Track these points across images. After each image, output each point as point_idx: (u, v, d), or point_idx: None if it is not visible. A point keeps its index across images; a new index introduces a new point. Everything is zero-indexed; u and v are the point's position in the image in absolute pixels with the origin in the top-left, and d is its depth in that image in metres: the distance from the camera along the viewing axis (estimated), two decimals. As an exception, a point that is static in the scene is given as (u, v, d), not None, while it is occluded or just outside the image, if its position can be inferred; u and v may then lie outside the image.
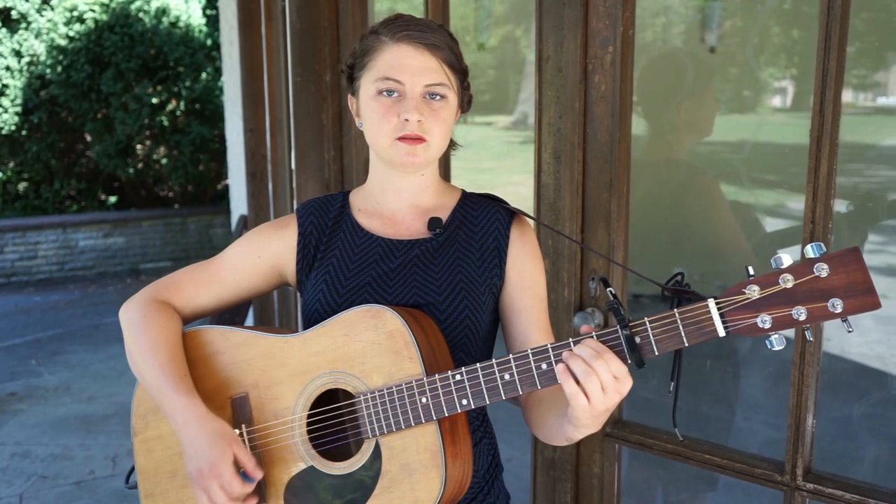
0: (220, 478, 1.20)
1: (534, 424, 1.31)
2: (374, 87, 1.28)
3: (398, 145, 1.27)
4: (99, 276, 8.19)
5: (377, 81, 1.28)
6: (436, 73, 1.27)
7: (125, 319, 1.37)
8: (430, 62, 1.27)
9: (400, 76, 1.26)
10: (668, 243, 2.36)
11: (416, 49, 1.26)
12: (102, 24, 8.27)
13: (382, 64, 1.28)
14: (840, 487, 1.52)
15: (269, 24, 3.71)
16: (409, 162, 1.28)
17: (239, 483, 1.21)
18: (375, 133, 1.30)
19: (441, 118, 1.28)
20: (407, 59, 1.26)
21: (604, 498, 1.92)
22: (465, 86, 1.37)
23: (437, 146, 1.30)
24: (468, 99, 1.39)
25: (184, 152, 8.64)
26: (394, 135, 1.27)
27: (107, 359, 5.58)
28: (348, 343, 1.23)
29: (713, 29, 3.76)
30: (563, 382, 1.06)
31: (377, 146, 1.32)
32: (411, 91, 1.26)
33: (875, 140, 4.40)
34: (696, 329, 1.03)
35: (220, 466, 1.20)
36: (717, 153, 3.40)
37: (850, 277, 0.96)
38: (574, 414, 1.09)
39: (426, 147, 1.28)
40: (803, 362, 1.54)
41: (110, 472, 3.85)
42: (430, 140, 1.28)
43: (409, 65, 1.26)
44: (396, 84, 1.26)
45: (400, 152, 1.28)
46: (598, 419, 1.11)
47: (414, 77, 1.26)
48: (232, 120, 4.39)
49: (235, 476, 1.21)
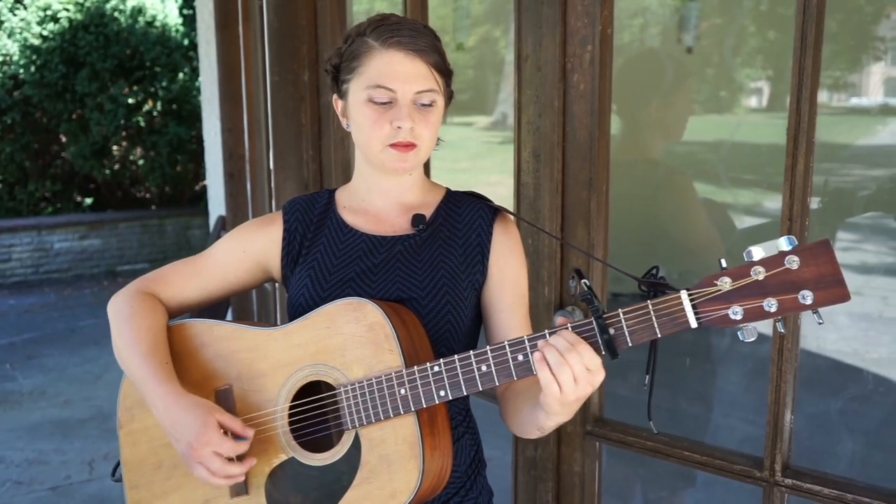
0: (210, 444, 1.22)
1: (508, 417, 1.33)
2: (365, 94, 1.28)
3: (389, 151, 1.29)
4: (75, 279, 8.08)
5: (368, 89, 1.28)
6: (426, 80, 1.28)
7: (112, 311, 1.39)
8: (420, 68, 1.28)
9: (392, 84, 1.27)
10: (646, 242, 2.38)
11: (407, 55, 1.27)
12: (77, 23, 8.17)
13: (373, 71, 1.28)
14: (818, 483, 1.54)
15: (247, 23, 3.68)
16: (400, 168, 1.31)
17: (231, 442, 1.23)
18: (367, 139, 1.31)
19: (431, 123, 1.30)
20: (398, 65, 1.27)
21: (585, 496, 1.92)
22: (450, 87, 1.38)
23: (427, 150, 1.33)
24: (450, 95, 1.41)
25: (161, 153, 8.56)
26: (386, 142, 1.28)
27: (83, 362, 5.51)
28: (330, 336, 1.25)
29: (690, 30, 3.79)
30: (539, 371, 1.08)
31: (368, 151, 1.33)
32: (403, 98, 1.27)
33: (849, 140, 4.46)
34: (669, 320, 1.04)
35: (207, 433, 1.22)
36: (695, 153, 3.43)
37: (821, 270, 0.97)
38: (546, 402, 1.11)
39: (416, 153, 1.30)
40: (781, 359, 1.55)
41: (87, 476, 3.80)
42: (421, 145, 1.30)
43: (400, 72, 1.27)
44: (388, 92, 1.27)
45: (391, 158, 1.29)
46: (568, 408, 1.13)
47: (405, 84, 1.27)
48: (209, 120, 4.36)
49: (225, 437, 1.23)
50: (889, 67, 4.27)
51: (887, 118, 4.49)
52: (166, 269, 1.45)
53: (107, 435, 4.26)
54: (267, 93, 3.10)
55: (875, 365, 3.55)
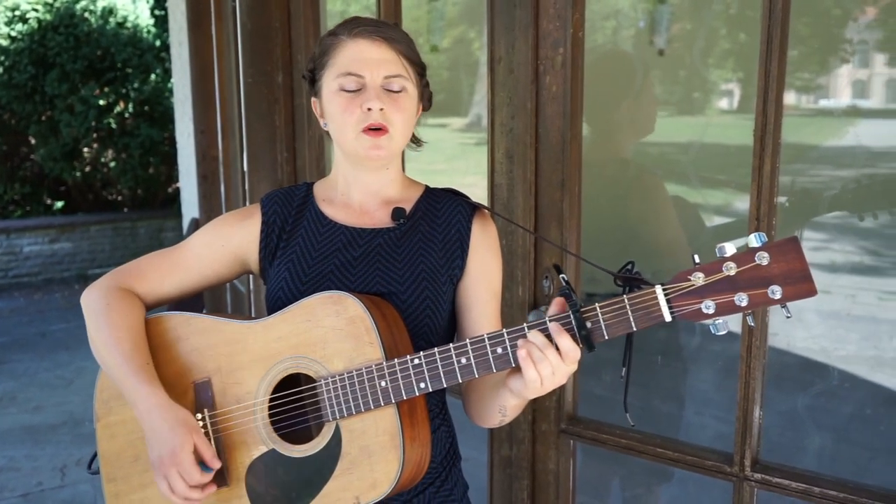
0: (180, 466, 1.24)
1: (471, 406, 1.36)
2: (336, 83, 1.31)
3: (363, 138, 1.30)
4: (45, 283, 7.96)
5: (338, 78, 1.31)
6: (394, 65, 1.30)
7: (87, 305, 1.38)
8: (387, 54, 1.30)
9: (360, 70, 1.29)
10: (618, 242, 2.40)
11: (374, 42, 1.30)
12: (46, 23, 8.05)
13: (342, 60, 1.31)
14: (786, 477, 1.57)
15: (220, 24, 3.67)
16: (375, 155, 1.31)
17: (197, 472, 1.25)
18: (340, 127, 1.32)
19: (402, 108, 1.31)
20: (365, 52, 1.29)
21: (560, 494, 1.94)
22: (424, 82, 1.40)
23: (400, 137, 1.33)
24: (428, 96, 1.43)
25: (133, 155, 8.46)
26: (358, 127, 1.29)
27: (54, 367, 5.43)
28: (310, 329, 1.25)
29: (661, 32, 3.83)
30: (525, 368, 1.12)
31: (342, 141, 1.34)
32: (372, 83, 1.29)
33: (817, 141, 4.54)
34: (645, 314, 1.07)
35: (180, 455, 1.24)
36: (666, 154, 3.47)
37: (789, 265, 1.00)
38: (524, 391, 1.16)
39: (389, 138, 1.30)
40: (750, 356, 1.58)
41: (59, 483, 3.75)
42: (393, 131, 1.30)
43: (367, 58, 1.29)
44: (357, 78, 1.29)
45: (364, 145, 1.30)
46: (540, 392, 1.18)
47: (373, 69, 1.29)
48: (182, 122, 4.33)
49: (194, 465, 1.25)
50: (856, 70, 4.36)
51: (855, 120, 4.58)
52: (142, 262, 1.44)
53: (79, 440, 4.20)
54: (240, 94, 3.09)
55: (843, 362, 3.62)
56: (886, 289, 4.20)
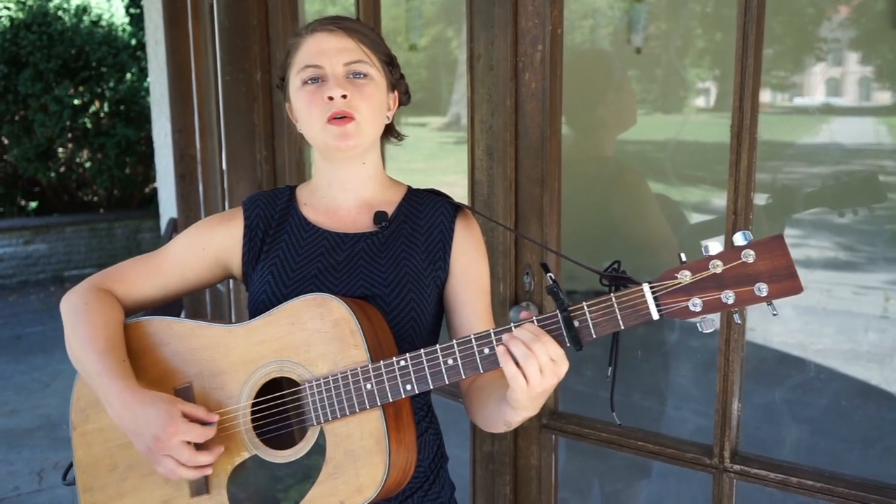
0: (178, 433, 1.20)
1: (474, 412, 1.34)
2: (298, 78, 1.32)
3: (329, 128, 1.29)
4: (20, 285, 7.84)
5: (299, 73, 1.31)
6: (353, 52, 1.30)
7: (65, 308, 1.36)
8: (345, 43, 1.30)
9: (318, 60, 1.29)
10: (600, 239, 2.42)
11: (331, 34, 1.31)
12: (19, 22, 7.93)
13: (301, 55, 1.32)
14: (764, 468, 1.59)
15: (197, 22, 3.64)
16: (343, 144, 1.29)
17: (200, 428, 1.21)
18: (307, 121, 1.32)
19: (367, 94, 1.30)
20: (322, 43, 1.30)
21: (542, 489, 1.95)
22: (395, 74, 1.39)
23: (368, 124, 1.31)
24: (404, 89, 1.42)
25: (109, 155, 8.37)
26: (323, 117, 1.28)
27: (30, 370, 5.36)
28: (294, 332, 1.24)
29: (639, 31, 3.86)
30: (504, 364, 1.10)
31: (311, 135, 1.33)
32: (332, 72, 1.29)
33: (792, 138, 4.61)
34: (632, 312, 1.07)
35: (174, 423, 1.20)
36: (645, 152, 3.50)
37: (775, 263, 1.01)
38: (513, 396, 1.12)
39: (356, 125, 1.29)
40: (728, 349, 1.60)
41: (36, 487, 3.70)
42: (359, 118, 1.29)
43: (325, 48, 1.30)
44: (317, 69, 1.29)
45: (331, 135, 1.29)
46: (535, 401, 1.15)
47: (332, 58, 1.29)
48: (159, 121, 4.29)
49: (192, 424, 1.21)
50: (830, 68, 4.43)
51: (829, 117, 4.65)
52: (123, 266, 1.42)
53: (56, 444, 4.15)
54: (218, 93, 3.07)
55: (819, 355, 3.68)
56: (861, 283, 4.27)
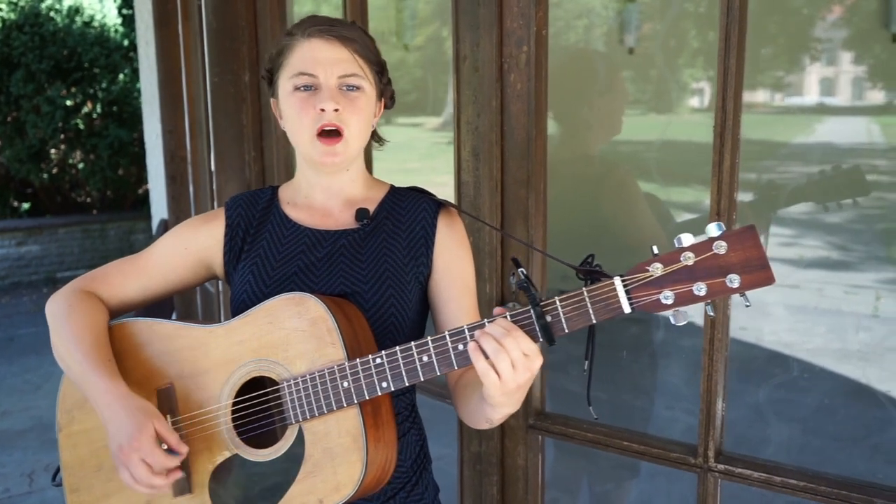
0: (140, 450, 1.19)
1: (460, 409, 1.34)
2: (290, 83, 1.31)
3: (317, 145, 1.29)
4: (12, 287, 7.82)
5: (293, 78, 1.30)
6: (349, 64, 1.30)
7: (50, 311, 1.37)
8: (342, 53, 1.30)
9: (313, 69, 1.29)
10: (588, 239, 2.41)
11: (328, 42, 1.29)
12: (10, 23, 7.92)
13: (296, 60, 1.30)
14: (748, 467, 1.59)
15: (186, 23, 3.63)
16: (330, 162, 1.31)
17: (161, 454, 1.20)
18: (295, 129, 1.32)
19: (358, 108, 1.31)
20: (319, 52, 1.29)
21: (528, 489, 1.95)
22: (384, 81, 1.39)
23: (356, 139, 1.32)
24: (391, 94, 1.42)
25: (101, 156, 8.35)
26: (312, 128, 1.29)
27: (22, 372, 5.35)
28: (272, 331, 1.25)
29: (632, 31, 3.86)
30: (475, 360, 1.09)
31: (298, 142, 1.33)
32: (326, 82, 1.29)
33: (787, 138, 4.61)
34: (604, 306, 1.07)
35: (140, 439, 1.19)
36: (637, 152, 3.50)
37: (747, 254, 1.00)
38: (487, 392, 1.12)
39: (345, 144, 1.30)
40: (712, 348, 1.60)
41: (27, 489, 3.69)
42: (348, 134, 1.30)
43: (321, 57, 1.29)
44: (311, 78, 1.29)
45: (319, 152, 1.30)
46: (511, 397, 1.14)
47: (327, 69, 1.28)
48: (150, 122, 4.29)
49: (156, 446, 1.20)
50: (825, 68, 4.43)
51: (822, 117, 4.65)
52: (107, 268, 1.43)
53: (47, 446, 4.14)
54: (207, 94, 3.06)
55: (810, 354, 3.68)
56: (852, 282, 4.29)
